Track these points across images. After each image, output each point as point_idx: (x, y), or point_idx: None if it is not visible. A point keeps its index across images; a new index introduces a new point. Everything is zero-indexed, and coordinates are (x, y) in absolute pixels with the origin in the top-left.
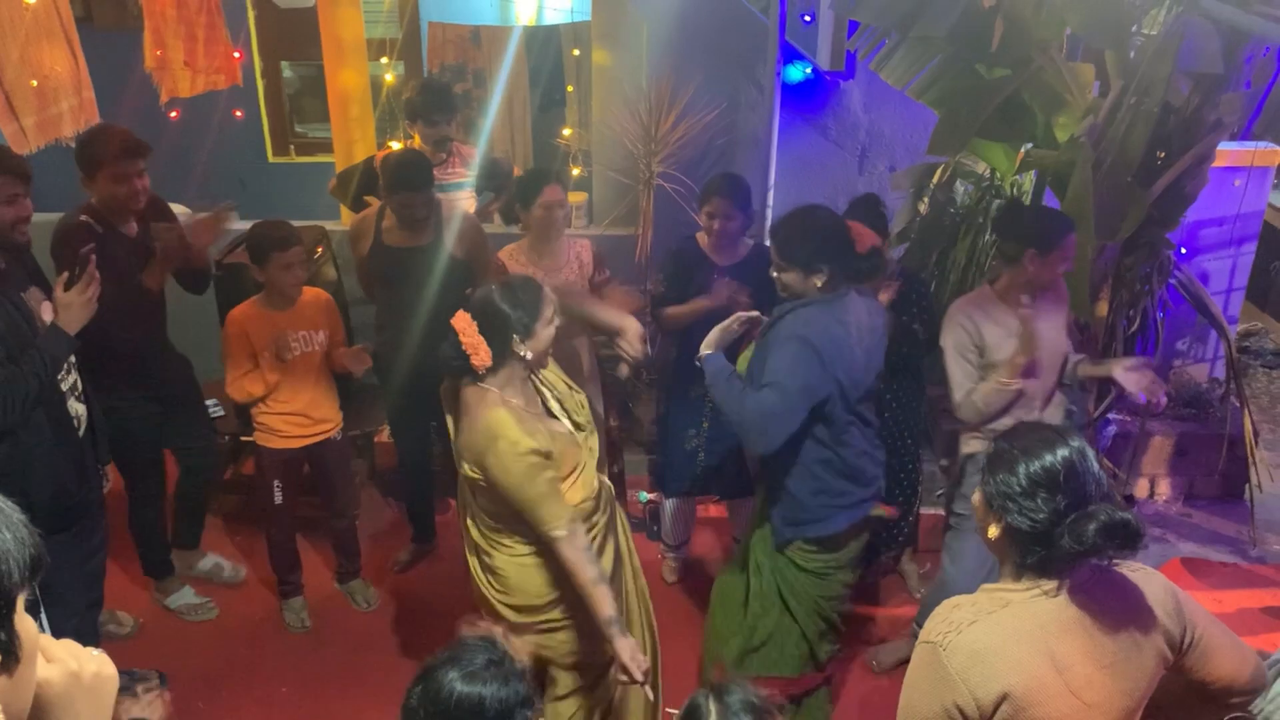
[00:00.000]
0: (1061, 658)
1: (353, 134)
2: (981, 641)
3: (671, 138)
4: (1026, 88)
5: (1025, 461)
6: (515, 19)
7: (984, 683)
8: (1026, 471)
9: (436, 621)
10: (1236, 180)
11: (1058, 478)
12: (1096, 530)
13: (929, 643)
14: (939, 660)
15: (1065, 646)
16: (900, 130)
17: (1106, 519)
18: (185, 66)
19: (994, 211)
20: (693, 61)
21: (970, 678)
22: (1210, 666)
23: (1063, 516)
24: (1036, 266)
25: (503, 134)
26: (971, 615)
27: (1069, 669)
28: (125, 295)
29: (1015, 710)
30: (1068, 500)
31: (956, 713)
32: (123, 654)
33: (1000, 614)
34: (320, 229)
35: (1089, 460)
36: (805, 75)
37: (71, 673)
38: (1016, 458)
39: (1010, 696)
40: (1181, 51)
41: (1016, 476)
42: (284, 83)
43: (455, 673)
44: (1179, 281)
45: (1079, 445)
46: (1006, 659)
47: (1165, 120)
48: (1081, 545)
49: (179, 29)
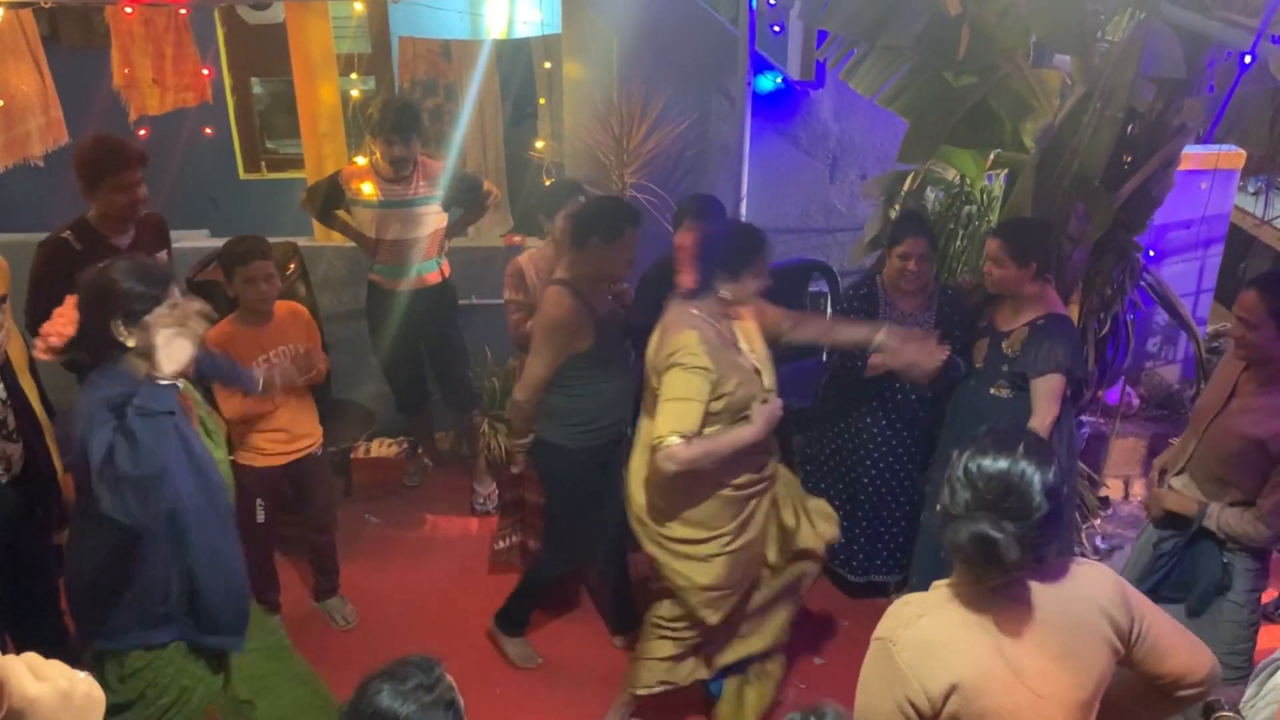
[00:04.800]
0: (1010, 649)
1: (324, 149)
2: (930, 635)
3: (644, 149)
4: (994, 94)
5: (971, 457)
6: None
7: (933, 675)
8: (964, 465)
9: (415, 640)
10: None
11: (984, 480)
12: (967, 538)
13: (880, 639)
14: (890, 656)
15: (1014, 638)
16: (870, 138)
17: (974, 529)
18: (154, 84)
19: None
20: (663, 73)
21: (920, 671)
22: (1159, 660)
23: (963, 515)
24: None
25: (475, 147)
26: (920, 610)
27: (1018, 660)
28: None
29: (965, 701)
30: (975, 505)
31: (909, 707)
32: None
33: (948, 607)
34: (292, 245)
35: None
36: (776, 85)
37: (63, 691)
38: (970, 452)
39: (959, 687)
40: (1144, 57)
41: (957, 467)
42: (254, 99)
43: (386, 686)
44: (1148, 284)
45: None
46: (954, 650)
47: (1130, 125)
48: (954, 548)
49: (147, 47)
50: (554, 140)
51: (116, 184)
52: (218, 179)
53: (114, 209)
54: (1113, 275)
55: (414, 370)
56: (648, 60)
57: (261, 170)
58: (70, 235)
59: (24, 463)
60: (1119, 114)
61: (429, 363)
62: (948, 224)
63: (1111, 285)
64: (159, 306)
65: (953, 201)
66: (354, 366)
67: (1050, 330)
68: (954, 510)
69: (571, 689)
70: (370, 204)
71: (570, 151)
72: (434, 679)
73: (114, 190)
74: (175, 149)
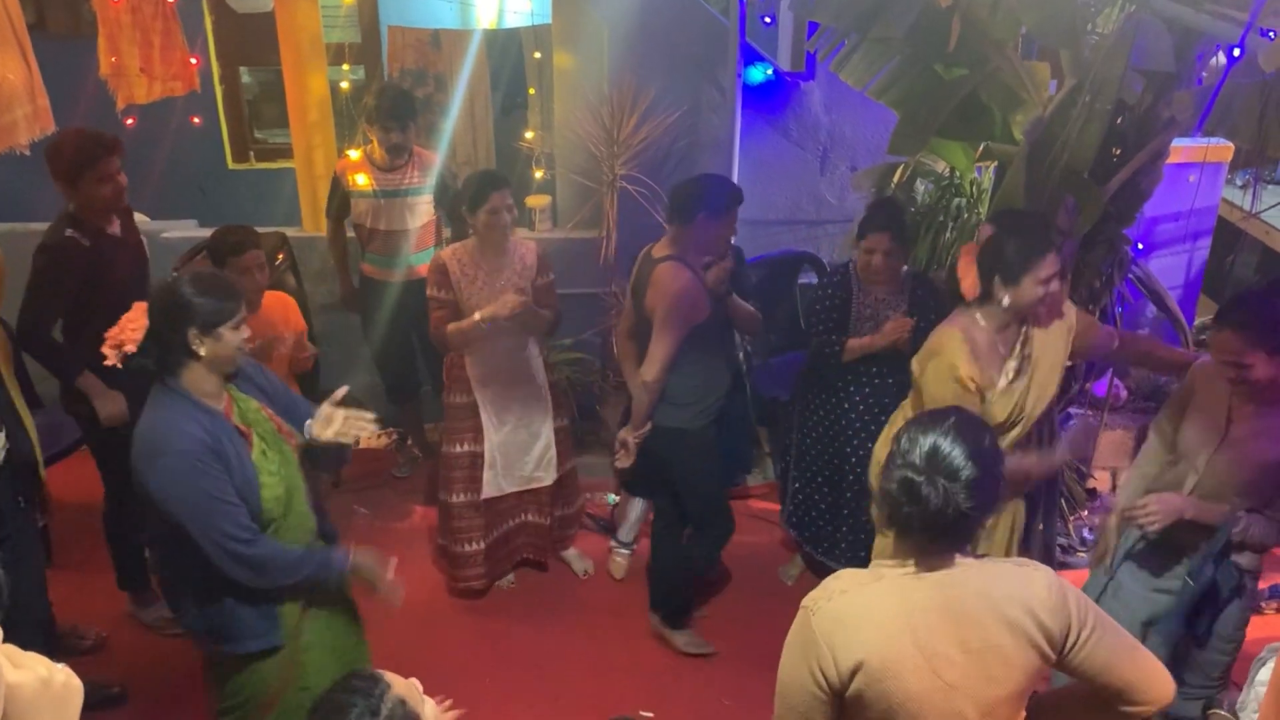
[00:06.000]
0: (923, 636)
1: (313, 139)
2: (847, 610)
3: (634, 140)
4: (984, 87)
5: (904, 435)
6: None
7: (843, 648)
8: (901, 442)
9: (405, 632)
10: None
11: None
12: (896, 482)
13: (804, 607)
14: (808, 623)
15: (929, 626)
16: (861, 130)
17: (901, 474)
18: (141, 73)
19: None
20: (654, 63)
21: (833, 642)
22: (1098, 672)
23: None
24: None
25: (464, 137)
26: (845, 585)
27: (930, 648)
28: (123, 300)
29: (870, 680)
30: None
31: (819, 674)
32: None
33: (872, 587)
34: (281, 235)
35: (956, 442)
36: (766, 76)
37: (41, 679)
38: (903, 432)
39: (865, 665)
40: (1134, 50)
41: (897, 444)
42: (243, 88)
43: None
44: (1137, 277)
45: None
46: (867, 628)
47: (1120, 118)
48: (883, 499)
49: (134, 35)
50: (544, 131)
51: (98, 175)
52: (206, 169)
53: (100, 200)
54: (1101, 268)
55: (405, 361)
56: (638, 51)
57: (250, 160)
58: (75, 233)
59: (6, 451)
60: (1108, 107)
61: (420, 354)
62: (937, 216)
63: (1100, 277)
64: (232, 319)
65: (942, 194)
66: (343, 358)
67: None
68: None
69: (561, 679)
70: (365, 194)
71: (560, 142)
72: (377, 699)
73: (97, 182)
74: (163, 138)
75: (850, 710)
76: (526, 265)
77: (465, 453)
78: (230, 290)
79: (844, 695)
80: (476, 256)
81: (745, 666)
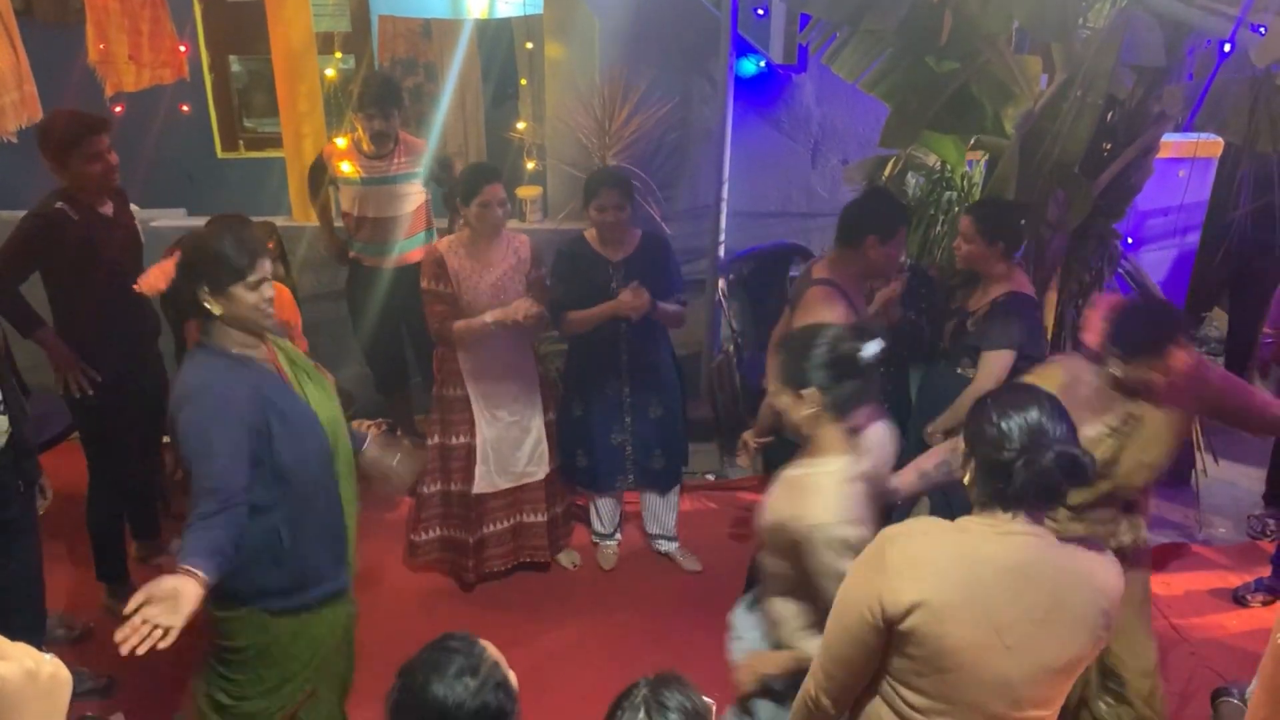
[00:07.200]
0: (993, 593)
1: (302, 128)
2: (923, 548)
3: (625, 131)
4: (975, 80)
5: (1000, 412)
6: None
7: (909, 582)
8: (999, 419)
9: (396, 621)
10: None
11: (1024, 425)
12: (1052, 459)
13: (884, 535)
14: (884, 550)
15: (1000, 585)
16: (852, 123)
17: (1061, 450)
18: (130, 60)
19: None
20: (646, 55)
21: (901, 574)
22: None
23: (1022, 454)
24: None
25: (455, 128)
26: (928, 528)
27: (995, 606)
28: (114, 279)
29: (927, 619)
30: (1029, 442)
31: (879, 601)
32: (71, 658)
33: (953, 534)
34: (270, 224)
35: (1059, 417)
36: (758, 69)
37: (28, 670)
38: (994, 408)
39: (925, 605)
40: (1125, 44)
41: (992, 423)
42: (232, 77)
43: (431, 676)
44: (1126, 271)
45: (1052, 403)
46: (937, 571)
47: (1110, 112)
48: (1035, 473)
49: (122, 22)
50: (535, 122)
51: (86, 153)
52: (195, 157)
53: (90, 179)
54: (1091, 262)
55: (394, 351)
56: (630, 42)
57: (239, 149)
58: (66, 206)
59: (8, 436)
60: (1099, 101)
61: (409, 343)
62: (928, 209)
63: (1090, 272)
64: (244, 279)
65: (933, 187)
66: (333, 348)
67: (1010, 307)
68: (1005, 452)
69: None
70: (352, 181)
71: (551, 133)
72: (476, 658)
73: (86, 160)
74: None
75: (898, 641)
76: (521, 259)
77: (461, 444)
78: (244, 248)
79: (895, 627)
80: (470, 249)
81: None
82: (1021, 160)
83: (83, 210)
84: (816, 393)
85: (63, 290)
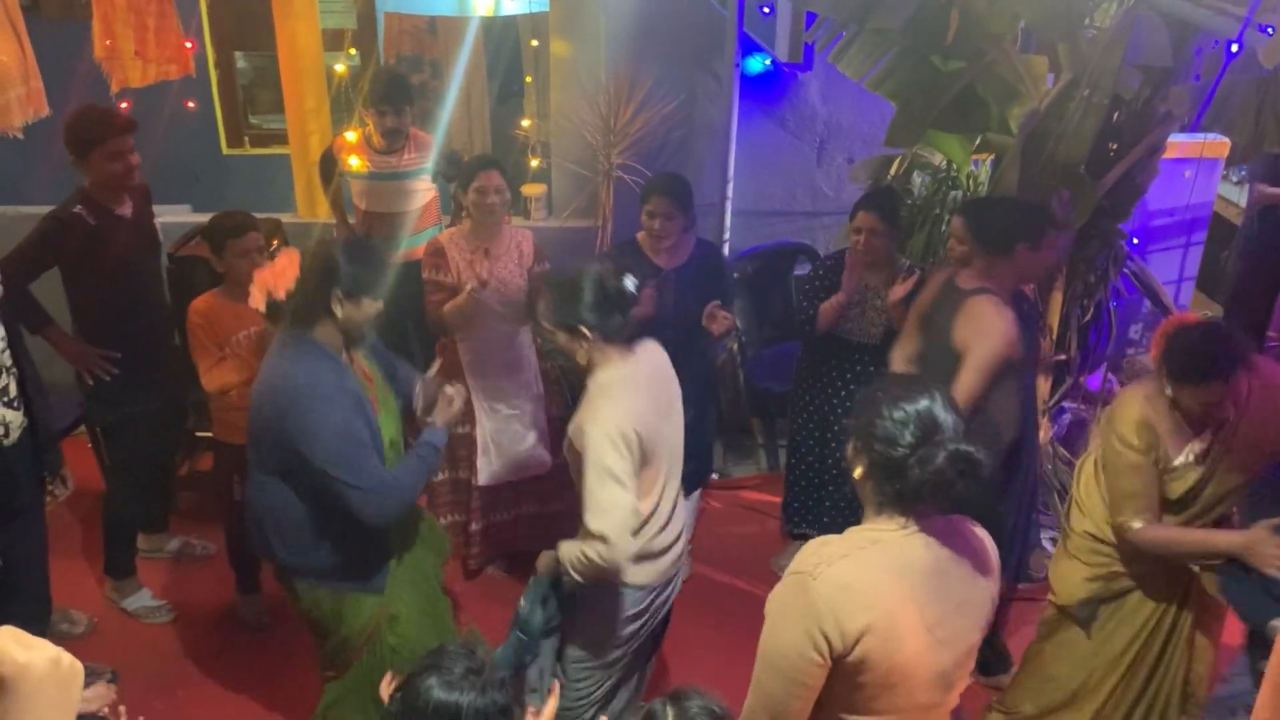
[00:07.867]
0: (921, 595)
1: (308, 125)
2: (851, 575)
3: (630, 129)
4: (981, 80)
5: (891, 405)
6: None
7: (850, 615)
8: (891, 413)
9: None
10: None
11: (917, 420)
12: (944, 459)
13: (799, 573)
14: (808, 589)
15: (924, 585)
16: (858, 122)
17: (952, 449)
18: (136, 56)
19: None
20: (651, 53)
21: (838, 608)
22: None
23: (915, 450)
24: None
25: (460, 125)
26: (843, 550)
27: (926, 606)
28: (130, 281)
29: (877, 642)
30: (922, 437)
31: (821, 639)
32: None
33: (870, 550)
34: (276, 221)
35: (946, 409)
36: (764, 67)
37: (52, 659)
38: (885, 402)
39: (873, 629)
40: (1131, 44)
41: (883, 418)
42: (238, 73)
43: (434, 680)
44: (1132, 271)
45: (939, 395)
46: (873, 593)
47: (1116, 112)
48: (928, 473)
49: (129, 18)
50: (540, 119)
51: (107, 151)
52: (200, 154)
53: (109, 177)
54: (1096, 262)
55: (400, 345)
56: (635, 40)
57: (245, 145)
58: (83, 210)
59: (23, 429)
60: (1105, 101)
61: (415, 338)
62: (933, 209)
63: (1095, 272)
64: (374, 290)
65: (939, 186)
66: None
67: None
68: (898, 449)
69: None
70: (361, 175)
71: (556, 130)
72: (479, 663)
73: (106, 158)
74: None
75: (846, 673)
76: (524, 253)
77: (464, 434)
78: (381, 264)
79: (844, 660)
80: (472, 240)
81: (736, 655)
82: (1026, 160)
83: (99, 213)
84: (590, 328)
85: (79, 290)
